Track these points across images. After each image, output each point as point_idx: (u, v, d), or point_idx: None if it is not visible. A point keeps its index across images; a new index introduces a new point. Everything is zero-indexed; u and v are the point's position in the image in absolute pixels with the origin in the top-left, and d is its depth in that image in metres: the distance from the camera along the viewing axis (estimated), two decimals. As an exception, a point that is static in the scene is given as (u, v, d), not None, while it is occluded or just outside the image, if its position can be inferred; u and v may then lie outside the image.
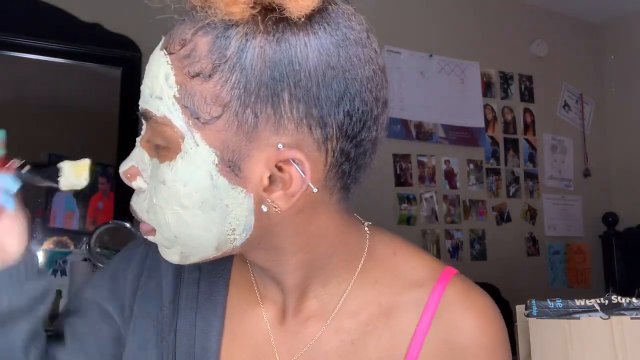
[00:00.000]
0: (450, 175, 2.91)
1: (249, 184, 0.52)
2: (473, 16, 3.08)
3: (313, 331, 0.62)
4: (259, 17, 0.50)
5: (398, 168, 2.77)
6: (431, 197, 2.83)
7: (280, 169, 0.52)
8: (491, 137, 3.07)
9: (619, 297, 1.02)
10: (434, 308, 0.59)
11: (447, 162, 2.91)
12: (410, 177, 2.79)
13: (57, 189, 0.58)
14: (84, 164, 0.58)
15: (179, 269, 0.67)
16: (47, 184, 0.58)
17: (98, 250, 1.89)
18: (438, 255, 2.80)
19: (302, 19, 0.50)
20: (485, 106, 3.05)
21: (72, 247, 2.09)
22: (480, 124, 3.02)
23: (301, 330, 0.62)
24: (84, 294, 0.71)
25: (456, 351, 0.59)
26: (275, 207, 0.53)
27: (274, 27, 0.50)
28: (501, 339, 0.61)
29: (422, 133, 2.84)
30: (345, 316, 0.61)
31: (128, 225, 1.84)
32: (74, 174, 0.58)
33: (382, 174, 2.70)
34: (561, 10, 3.35)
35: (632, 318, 1.00)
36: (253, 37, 0.50)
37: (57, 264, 1.97)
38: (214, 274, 0.67)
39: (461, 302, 0.60)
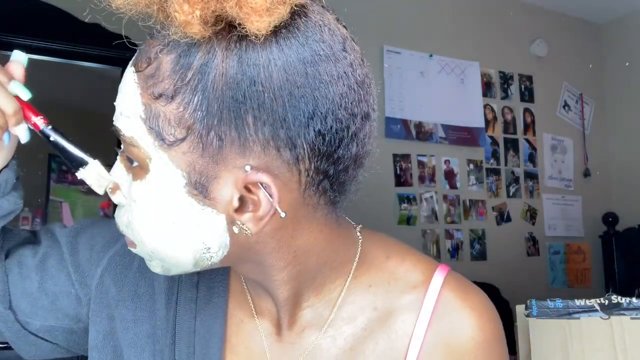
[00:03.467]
0: (450, 175, 2.91)
1: (219, 205, 0.51)
2: (473, 16, 3.08)
3: (310, 341, 0.61)
4: (222, 35, 0.48)
5: (398, 168, 2.77)
6: (431, 197, 2.83)
7: (249, 190, 0.50)
8: (491, 137, 3.07)
9: (619, 297, 1.02)
10: (430, 309, 0.59)
11: (447, 162, 2.90)
12: (410, 177, 2.79)
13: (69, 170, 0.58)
14: (109, 179, 0.57)
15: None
16: (74, 157, 0.57)
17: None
18: (438, 255, 2.80)
19: (264, 37, 0.47)
20: (485, 106, 3.05)
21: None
22: (480, 124, 3.02)
23: (298, 341, 0.61)
24: (57, 234, 0.69)
25: (455, 351, 0.58)
26: (246, 230, 0.52)
27: (236, 45, 0.48)
28: (498, 336, 0.60)
29: (422, 133, 2.84)
30: (343, 323, 0.60)
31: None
32: (96, 177, 0.57)
33: (382, 174, 2.70)
34: (561, 10, 3.35)
35: (632, 318, 1.00)
36: (215, 56, 0.48)
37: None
38: (213, 279, 0.65)
39: (458, 301, 0.59)
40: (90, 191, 0.58)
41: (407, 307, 0.60)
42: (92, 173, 0.56)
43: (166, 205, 0.51)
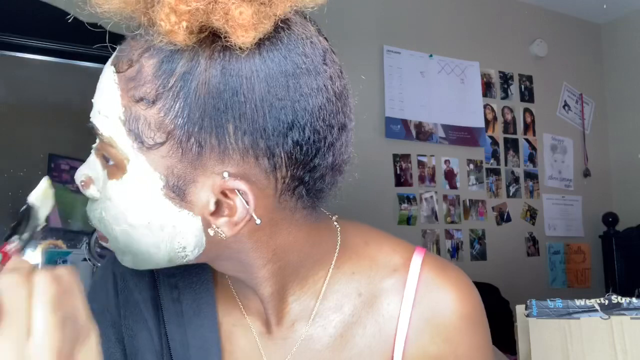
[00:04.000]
0: (450, 175, 2.91)
1: (195, 208, 0.51)
2: (473, 16, 3.08)
3: (302, 333, 0.62)
4: (206, 43, 0.48)
5: (398, 168, 2.77)
6: (431, 197, 2.83)
7: (225, 195, 0.51)
8: (491, 137, 3.07)
9: (619, 297, 1.02)
10: (413, 290, 0.61)
11: (447, 162, 2.90)
12: (410, 177, 2.79)
13: (45, 225, 0.52)
14: (45, 184, 0.53)
15: (154, 294, 0.65)
16: (37, 227, 0.52)
17: (98, 250, 1.89)
18: (438, 255, 2.80)
19: (248, 50, 0.48)
20: (485, 106, 3.05)
21: (72, 247, 2.09)
22: (480, 124, 3.02)
23: (290, 335, 0.62)
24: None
25: (440, 326, 0.60)
26: (221, 233, 0.52)
27: (220, 55, 0.48)
28: (480, 309, 0.63)
29: (422, 133, 2.84)
30: (330, 312, 0.62)
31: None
32: (44, 200, 0.53)
33: (382, 174, 2.70)
34: (561, 10, 3.35)
35: (632, 318, 1.00)
36: (198, 65, 0.48)
37: (57, 264, 1.97)
38: (196, 289, 0.65)
39: (438, 280, 0.62)
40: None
41: (391, 289, 0.62)
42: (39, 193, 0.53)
43: (142, 206, 0.51)
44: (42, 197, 0.53)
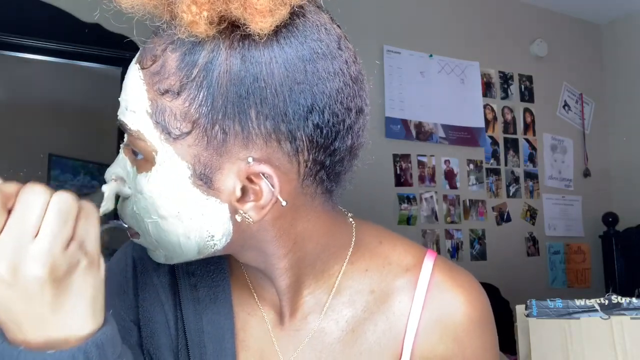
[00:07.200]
0: (450, 175, 2.91)
1: (222, 195, 0.53)
2: (473, 16, 3.08)
3: (313, 326, 0.63)
4: (225, 34, 0.50)
5: (398, 168, 2.77)
6: (431, 197, 2.83)
7: (251, 180, 0.53)
8: (491, 137, 3.07)
9: (619, 297, 1.02)
10: (424, 290, 0.63)
11: (447, 162, 2.91)
12: (410, 177, 2.79)
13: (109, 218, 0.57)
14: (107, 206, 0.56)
15: (172, 280, 0.67)
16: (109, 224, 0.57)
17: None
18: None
19: (266, 36, 0.50)
20: (485, 106, 3.05)
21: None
22: (480, 124, 3.02)
23: (302, 327, 0.64)
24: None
25: (449, 327, 0.62)
26: (248, 218, 0.54)
27: (240, 44, 0.50)
28: (488, 312, 0.65)
29: (422, 133, 2.84)
30: (343, 307, 0.63)
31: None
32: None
33: (382, 174, 2.70)
34: (561, 10, 3.35)
35: (632, 318, 1.00)
36: (219, 55, 0.50)
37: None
38: (214, 278, 0.67)
39: (449, 282, 0.63)
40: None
41: (402, 289, 0.63)
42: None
43: (172, 196, 0.53)
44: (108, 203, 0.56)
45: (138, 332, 0.66)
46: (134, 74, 0.54)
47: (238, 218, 0.54)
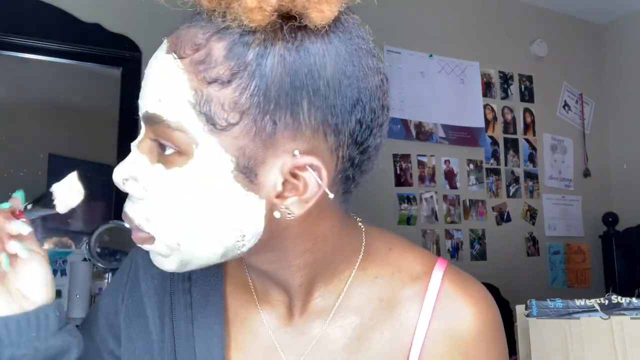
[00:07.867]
0: (450, 175, 2.91)
1: (262, 190, 0.52)
2: (473, 16, 3.08)
3: (319, 331, 0.62)
4: (278, 25, 0.49)
5: (398, 168, 2.77)
6: (431, 197, 2.83)
7: (294, 175, 0.52)
8: (491, 137, 3.07)
9: (619, 297, 1.02)
10: (433, 300, 0.61)
11: (447, 162, 2.91)
12: (410, 177, 2.79)
13: (57, 214, 0.57)
14: (72, 178, 0.57)
15: (163, 284, 0.66)
16: (48, 212, 0.57)
17: (98, 250, 1.89)
18: (438, 255, 2.80)
19: (323, 29, 0.50)
20: (485, 106, 3.05)
21: (72, 247, 2.09)
22: (480, 124, 3.02)
23: (308, 331, 0.63)
24: (97, 305, 0.72)
25: (458, 339, 0.60)
26: (290, 213, 0.53)
27: (293, 35, 0.50)
28: (498, 327, 0.63)
29: (422, 133, 2.84)
30: (351, 313, 0.62)
31: (128, 225, 1.84)
32: (66, 192, 0.56)
33: (382, 174, 2.70)
34: (561, 10, 3.35)
35: (632, 318, 1.00)
36: (272, 45, 0.49)
37: (57, 264, 1.97)
38: (208, 282, 0.66)
39: (459, 292, 0.62)
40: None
41: (411, 298, 0.62)
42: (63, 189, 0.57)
43: (210, 191, 0.51)
44: (65, 188, 0.56)
45: (115, 337, 0.67)
46: (169, 65, 0.51)
47: (277, 214, 0.52)
